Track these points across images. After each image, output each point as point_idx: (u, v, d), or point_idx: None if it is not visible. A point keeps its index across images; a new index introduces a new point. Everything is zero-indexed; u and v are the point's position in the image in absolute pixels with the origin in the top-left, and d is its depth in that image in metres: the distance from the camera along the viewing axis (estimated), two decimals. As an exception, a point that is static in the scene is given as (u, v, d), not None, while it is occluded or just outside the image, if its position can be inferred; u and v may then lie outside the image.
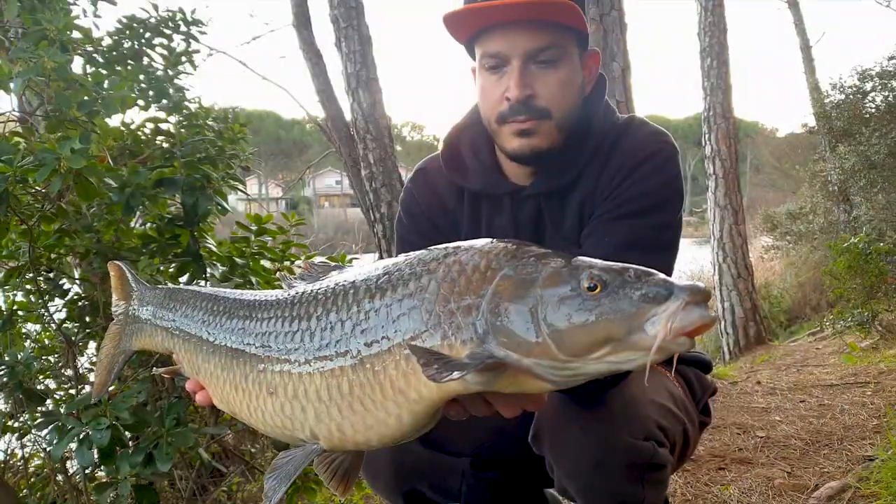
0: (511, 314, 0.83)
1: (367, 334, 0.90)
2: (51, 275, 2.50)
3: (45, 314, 2.58)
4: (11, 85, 1.76)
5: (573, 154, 1.42)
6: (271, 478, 0.97)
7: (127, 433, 1.94)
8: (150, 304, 1.25)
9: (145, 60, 3.04)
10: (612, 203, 1.38)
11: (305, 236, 3.11)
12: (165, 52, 3.04)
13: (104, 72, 1.97)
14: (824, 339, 6.51)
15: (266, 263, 2.81)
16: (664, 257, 1.42)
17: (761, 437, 2.81)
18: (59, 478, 2.33)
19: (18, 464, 2.68)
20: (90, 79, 1.88)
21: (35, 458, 2.69)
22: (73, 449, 1.79)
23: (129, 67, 2.89)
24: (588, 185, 1.42)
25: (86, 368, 2.60)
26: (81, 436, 1.75)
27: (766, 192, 24.36)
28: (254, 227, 2.80)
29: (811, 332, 8.10)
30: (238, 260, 2.70)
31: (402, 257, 0.96)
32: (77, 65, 2.35)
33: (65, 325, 2.49)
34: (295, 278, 1.08)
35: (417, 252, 0.96)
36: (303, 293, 1.00)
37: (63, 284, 2.53)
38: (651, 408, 1.35)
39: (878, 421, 2.83)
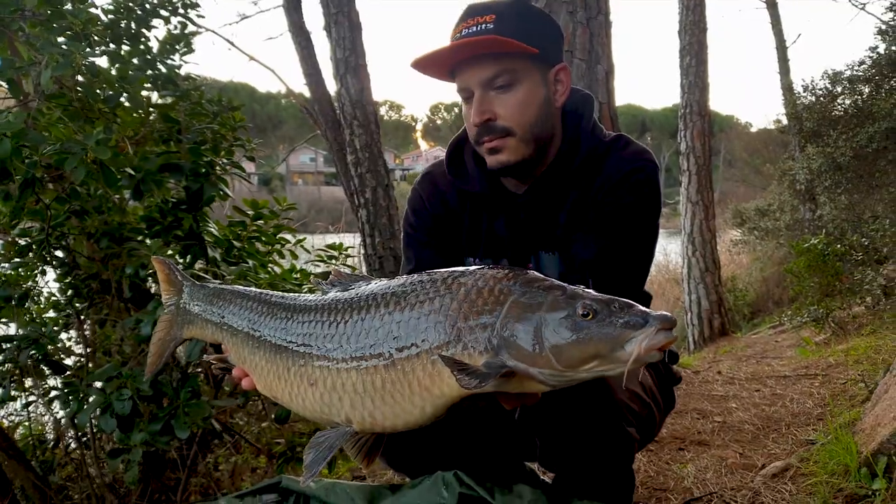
0: (520, 332, 1.02)
1: (398, 341, 1.08)
2: (56, 253, 2.61)
3: (35, 288, 2.70)
4: (41, 76, 1.88)
5: (562, 166, 1.60)
6: (310, 454, 1.15)
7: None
8: (200, 300, 1.40)
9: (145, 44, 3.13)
10: (598, 213, 1.56)
11: (291, 219, 3.24)
12: (163, 34, 3.13)
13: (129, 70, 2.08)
14: (783, 333, 6.82)
15: (257, 246, 2.95)
16: (642, 263, 1.61)
17: (718, 422, 3.05)
18: (72, 445, 2.47)
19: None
20: (115, 72, 2.00)
21: (20, 427, 2.82)
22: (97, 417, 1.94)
23: (124, 48, 2.97)
24: (577, 195, 1.59)
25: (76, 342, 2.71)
26: (104, 405, 1.91)
27: (738, 187, 24.83)
28: (250, 212, 2.95)
29: (772, 325, 8.42)
30: (235, 243, 2.84)
31: (425, 276, 1.14)
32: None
33: (71, 302, 2.62)
34: (327, 284, 1.25)
35: (439, 271, 1.14)
36: (338, 301, 1.17)
37: (69, 262, 2.65)
38: (623, 394, 1.53)
39: (821, 409, 3.07)
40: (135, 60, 2.81)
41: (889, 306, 4.84)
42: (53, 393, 2.53)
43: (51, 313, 2.70)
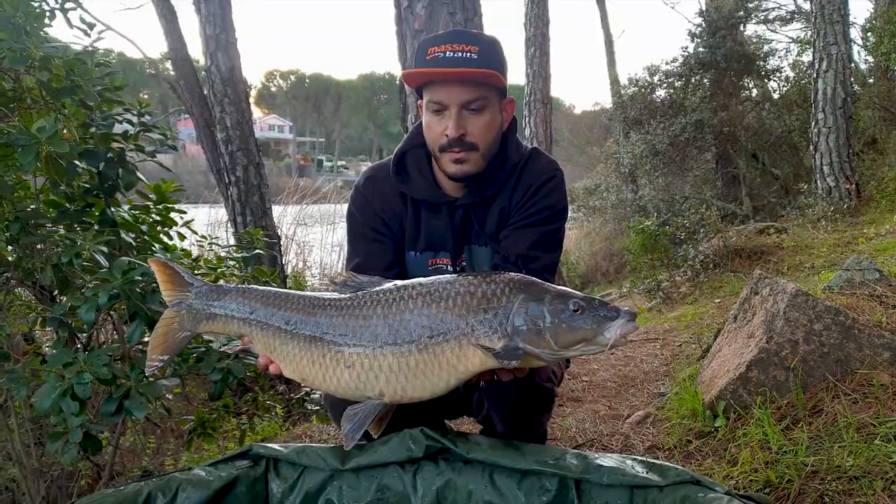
0: (528, 322, 1.34)
1: (430, 330, 1.36)
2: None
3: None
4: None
5: (494, 175, 1.94)
6: (347, 424, 1.39)
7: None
8: (220, 299, 1.54)
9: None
10: (523, 213, 1.92)
11: (179, 201, 3.29)
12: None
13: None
14: (613, 302, 7.77)
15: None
16: (558, 251, 2.02)
17: (586, 381, 3.60)
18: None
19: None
20: (62, 66, 2.01)
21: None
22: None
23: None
24: (505, 199, 1.94)
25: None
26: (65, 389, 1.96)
27: (565, 165, 26.60)
28: (153, 197, 2.97)
29: (602, 294, 9.50)
30: (143, 228, 2.88)
31: (445, 278, 1.42)
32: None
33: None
34: (340, 285, 1.48)
35: (460, 276, 1.43)
36: (366, 298, 1.42)
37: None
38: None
39: (666, 367, 3.71)
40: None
41: (706, 278, 5.79)
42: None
43: None
